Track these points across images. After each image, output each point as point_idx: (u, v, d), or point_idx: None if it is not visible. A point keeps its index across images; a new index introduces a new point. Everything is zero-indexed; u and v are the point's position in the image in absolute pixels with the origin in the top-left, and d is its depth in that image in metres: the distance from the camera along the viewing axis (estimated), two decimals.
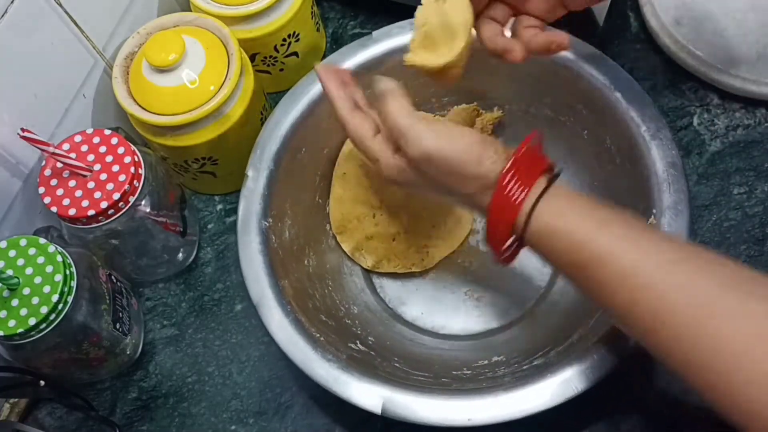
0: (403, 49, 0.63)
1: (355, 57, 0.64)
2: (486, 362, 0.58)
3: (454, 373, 0.57)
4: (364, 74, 0.64)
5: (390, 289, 0.66)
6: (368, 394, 0.52)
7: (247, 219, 0.59)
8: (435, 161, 0.46)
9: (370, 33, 0.64)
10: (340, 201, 0.65)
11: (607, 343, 0.51)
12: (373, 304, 0.64)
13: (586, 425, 0.57)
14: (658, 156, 0.56)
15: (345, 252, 0.66)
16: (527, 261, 0.65)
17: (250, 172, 0.61)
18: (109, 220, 0.55)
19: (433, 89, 0.68)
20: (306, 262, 0.62)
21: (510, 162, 0.46)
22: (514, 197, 0.45)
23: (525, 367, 0.55)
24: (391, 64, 0.64)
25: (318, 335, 0.55)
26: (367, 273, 0.66)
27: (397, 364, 0.57)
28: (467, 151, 0.46)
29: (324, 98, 0.63)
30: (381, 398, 0.51)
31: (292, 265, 0.60)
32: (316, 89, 0.63)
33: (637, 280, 0.41)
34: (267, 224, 0.59)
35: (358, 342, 0.58)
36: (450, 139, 0.46)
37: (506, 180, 0.45)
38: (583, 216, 0.44)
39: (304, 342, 0.54)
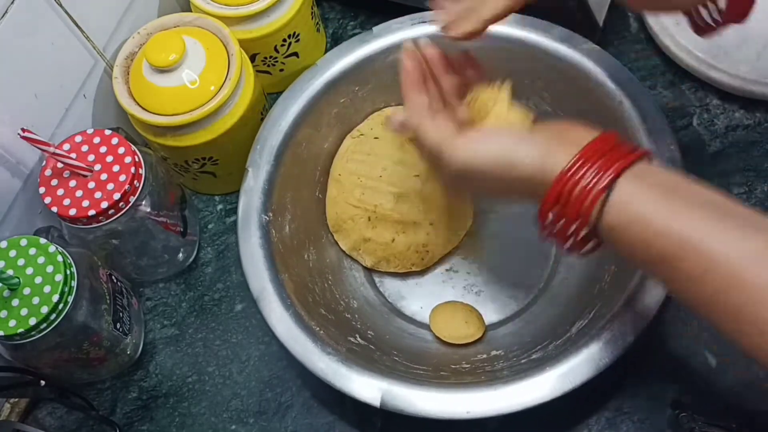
0: (403, 46, 0.63)
1: (356, 52, 0.64)
2: (485, 356, 0.59)
3: (453, 366, 0.57)
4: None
5: (390, 284, 0.66)
6: (367, 387, 0.52)
7: (247, 214, 0.59)
8: (469, 175, 0.47)
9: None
10: (334, 201, 0.65)
11: (605, 337, 0.51)
12: (373, 298, 0.65)
13: (584, 418, 0.57)
14: (658, 153, 0.56)
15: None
16: (526, 256, 0.65)
17: (250, 168, 0.61)
18: (109, 220, 0.55)
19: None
20: (306, 256, 0.63)
21: (572, 160, 0.42)
22: (581, 192, 0.42)
23: (523, 361, 0.55)
24: (391, 59, 0.64)
25: (318, 329, 0.55)
26: (367, 268, 0.66)
27: (397, 358, 0.57)
28: (499, 157, 0.45)
29: (324, 94, 0.64)
30: (380, 391, 0.51)
31: (293, 259, 0.60)
32: (316, 84, 0.64)
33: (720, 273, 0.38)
34: (267, 219, 0.59)
35: (357, 336, 0.59)
36: (477, 149, 0.46)
37: (566, 177, 0.42)
38: (658, 202, 0.40)
39: (304, 335, 0.54)
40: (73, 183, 0.55)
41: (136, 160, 0.56)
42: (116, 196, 0.54)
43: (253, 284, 0.56)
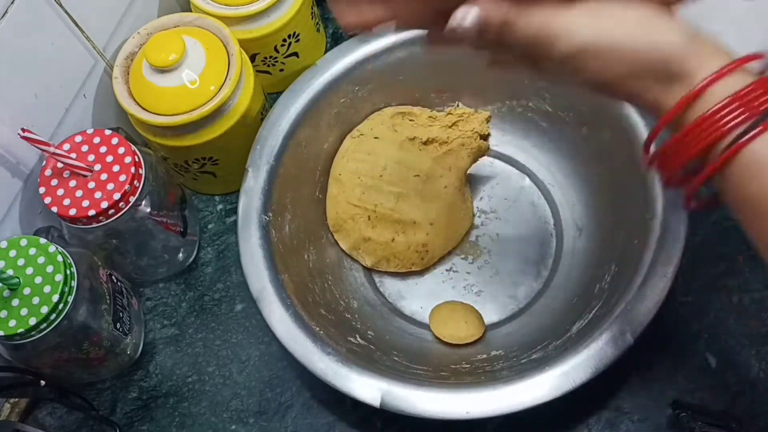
0: (403, 45, 0.64)
1: (356, 52, 0.64)
2: (485, 356, 0.59)
3: (453, 366, 0.57)
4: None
5: (390, 283, 0.66)
6: (367, 387, 0.52)
7: (247, 214, 0.59)
8: (591, 54, 0.36)
9: None
10: (335, 200, 0.65)
11: (605, 337, 0.51)
12: (373, 298, 0.65)
13: (584, 418, 0.58)
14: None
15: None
16: (526, 256, 0.65)
17: (250, 168, 0.61)
18: (109, 220, 0.55)
19: (434, 84, 0.68)
20: (306, 256, 0.63)
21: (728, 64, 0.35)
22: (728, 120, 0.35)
23: (523, 361, 0.55)
24: (391, 59, 0.64)
25: (318, 329, 0.55)
26: (367, 268, 0.66)
27: (396, 358, 0.57)
28: (635, 27, 0.36)
29: (324, 94, 0.64)
30: (380, 391, 0.51)
31: (293, 259, 0.60)
32: (316, 84, 0.64)
33: None
34: (267, 219, 0.59)
35: (357, 336, 0.59)
36: (603, 18, 0.36)
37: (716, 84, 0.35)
38: None
39: (304, 336, 0.54)
40: (73, 183, 0.55)
41: (136, 160, 0.56)
42: (116, 196, 0.54)
43: (253, 284, 0.56)
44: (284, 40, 0.67)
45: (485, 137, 0.68)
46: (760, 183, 0.35)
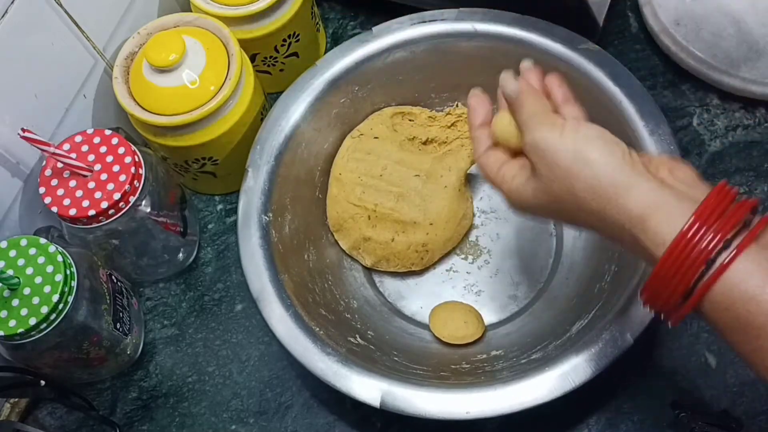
0: (402, 45, 0.64)
1: (356, 52, 0.64)
2: (485, 356, 0.59)
3: (453, 366, 0.57)
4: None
5: (390, 283, 0.66)
6: (367, 387, 0.52)
7: (247, 214, 0.59)
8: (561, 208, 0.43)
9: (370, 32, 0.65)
10: (335, 200, 0.65)
11: (605, 337, 0.51)
12: (373, 298, 0.65)
13: (584, 418, 0.58)
14: (657, 151, 0.56)
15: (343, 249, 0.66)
16: (526, 256, 0.65)
17: (250, 168, 0.61)
18: (109, 220, 0.55)
19: (433, 85, 0.68)
20: (306, 256, 0.63)
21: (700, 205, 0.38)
22: (700, 248, 0.37)
23: (523, 361, 0.55)
24: (391, 59, 0.64)
25: (318, 329, 0.55)
26: (367, 268, 0.66)
27: (396, 358, 0.57)
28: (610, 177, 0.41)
29: (324, 94, 0.64)
30: (380, 391, 0.51)
31: (293, 259, 0.60)
32: (316, 84, 0.64)
33: None
34: (267, 219, 0.59)
35: (357, 336, 0.59)
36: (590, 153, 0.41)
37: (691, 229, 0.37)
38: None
39: (304, 336, 0.54)
40: (73, 183, 0.55)
41: (136, 160, 0.56)
42: (116, 196, 0.54)
43: (253, 284, 0.56)
44: (284, 40, 0.68)
45: None
46: (742, 310, 0.36)
